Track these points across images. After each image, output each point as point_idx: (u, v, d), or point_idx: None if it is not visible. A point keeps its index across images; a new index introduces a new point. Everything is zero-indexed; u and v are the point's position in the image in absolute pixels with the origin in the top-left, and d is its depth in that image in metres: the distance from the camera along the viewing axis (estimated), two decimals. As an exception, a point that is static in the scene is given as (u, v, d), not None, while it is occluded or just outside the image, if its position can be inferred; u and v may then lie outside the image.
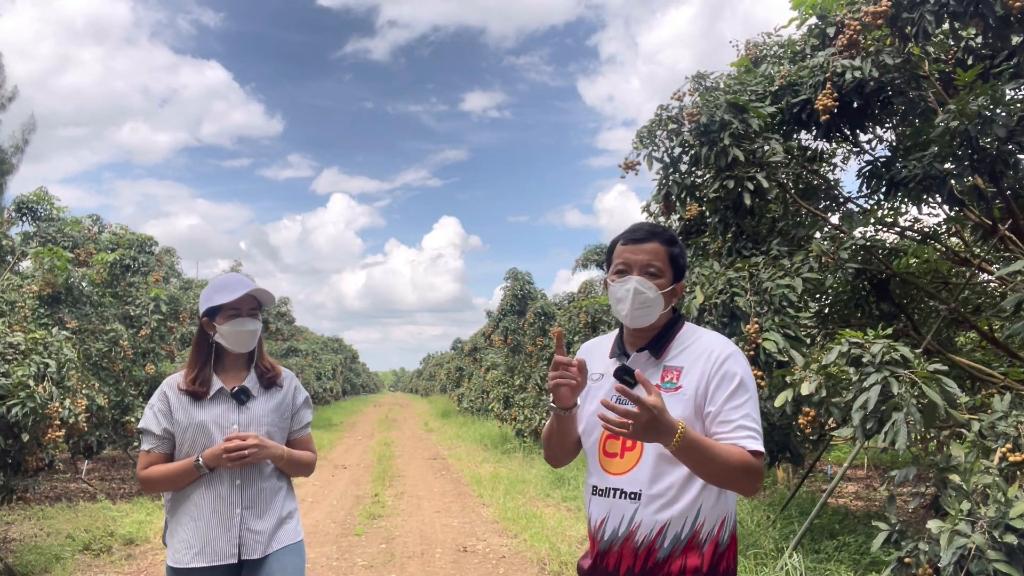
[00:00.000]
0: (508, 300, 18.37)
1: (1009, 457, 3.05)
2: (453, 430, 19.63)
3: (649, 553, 1.79)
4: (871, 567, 4.89)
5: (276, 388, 2.57)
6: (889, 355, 3.32)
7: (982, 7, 4.23)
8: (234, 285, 2.45)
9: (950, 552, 2.78)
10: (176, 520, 2.42)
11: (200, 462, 2.34)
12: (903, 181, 4.78)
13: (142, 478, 2.41)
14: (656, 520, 1.79)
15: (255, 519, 2.43)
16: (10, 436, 5.20)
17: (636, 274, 1.87)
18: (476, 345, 23.89)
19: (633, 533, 1.81)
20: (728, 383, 1.78)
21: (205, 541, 2.37)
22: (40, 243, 10.55)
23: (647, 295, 1.85)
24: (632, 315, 1.86)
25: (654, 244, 1.90)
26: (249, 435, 2.34)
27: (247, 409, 2.47)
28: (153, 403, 2.45)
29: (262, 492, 2.46)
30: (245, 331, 2.45)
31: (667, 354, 1.88)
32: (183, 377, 2.47)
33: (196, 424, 2.40)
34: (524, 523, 7.18)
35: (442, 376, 36.62)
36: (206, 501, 2.39)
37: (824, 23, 5.15)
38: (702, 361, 1.82)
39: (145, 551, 6.30)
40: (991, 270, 5.26)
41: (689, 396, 1.80)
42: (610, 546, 1.84)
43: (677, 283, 1.92)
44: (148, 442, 2.42)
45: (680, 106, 5.45)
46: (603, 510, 1.87)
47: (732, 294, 4.47)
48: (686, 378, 1.82)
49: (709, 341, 1.88)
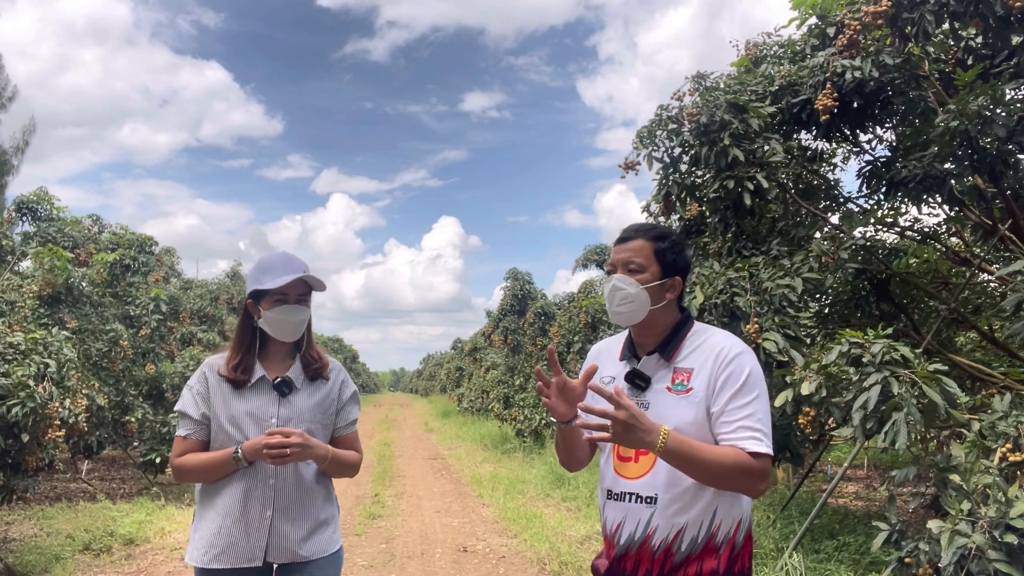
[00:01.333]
0: (508, 300, 18.36)
1: (1009, 457, 3.05)
2: (453, 430, 19.63)
3: (667, 557, 1.79)
4: (871, 567, 4.89)
5: (322, 381, 2.35)
6: (889, 355, 3.32)
7: (982, 7, 4.23)
8: (281, 268, 2.23)
9: (950, 552, 2.78)
10: (203, 514, 2.24)
11: (239, 454, 2.15)
12: (903, 181, 4.79)
13: (175, 466, 2.23)
14: (673, 524, 1.78)
15: (287, 523, 2.23)
16: (10, 436, 5.20)
17: (619, 272, 1.90)
18: (476, 345, 23.89)
19: (650, 537, 1.80)
20: (734, 382, 1.77)
21: (230, 542, 2.18)
22: (40, 243, 10.55)
23: (627, 291, 1.86)
24: (614, 312, 1.88)
25: (638, 241, 1.91)
26: (293, 432, 2.12)
27: (288, 402, 2.27)
28: (192, 384, 2.25)
29: (298, 494, 2.26)
30: (292, 320, 2.23)
31: (677, 355, 1.86)
32: (224, 362, 2.27)
33: (232, 414, 2.22)
34: (524, 523, 7.18)
35: (442, 376, 36.61)
36: (237, 498, 2.19)
37: (824, 23, 5.15)
38: (711, 361, 1.81)
39: (145, 551, 6.29)
40: (991, 270, 5.26)
41: (700, 398, 1.79)
42: (627, 550, 1.84)
43: (668, 278, 1.89)
44: (185, 427, 2.23)
45: (680, 106, 5.45)
46: (619, 514, 1.86)
47: (732, 294, 4.47)
48: (696, 379, 1.81)
49: (718, 340, 1.86)
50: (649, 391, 1.86)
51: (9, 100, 25.17)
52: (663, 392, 1.83)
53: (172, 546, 6.42)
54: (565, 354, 14.75)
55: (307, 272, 2.25)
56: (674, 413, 1.79)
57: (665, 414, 1.80)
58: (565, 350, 14.62)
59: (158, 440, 9.24)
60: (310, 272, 2.27)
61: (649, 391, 1.86)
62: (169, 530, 6.94)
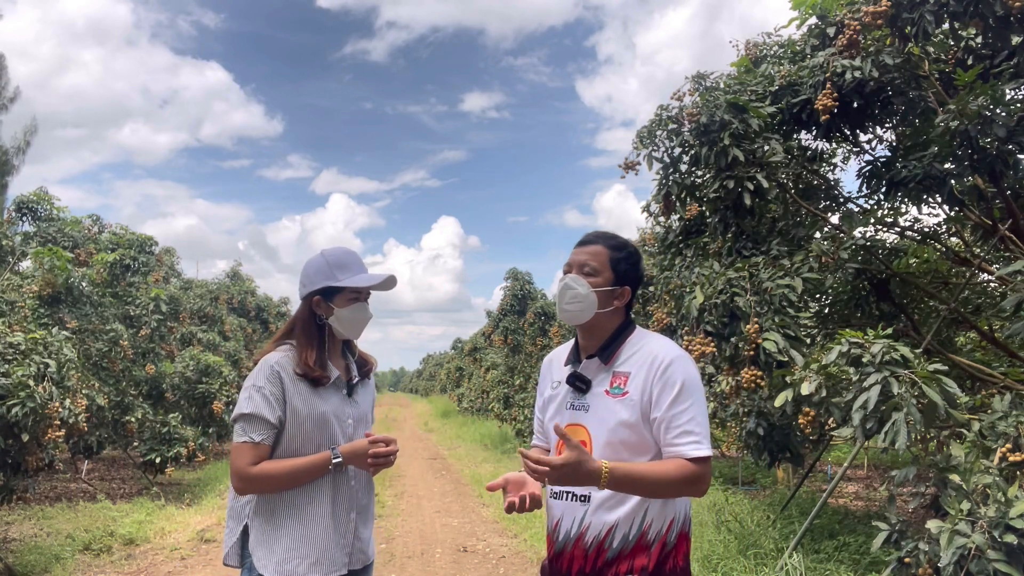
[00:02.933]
0: (508, 300, 18.35)
1: (1009, 457, 3.05)
2: (453, 430, 19.63)
3: (599, 553, 1.85)
4: (871, 567, 4.89)
5: (365, 380, 2.34)
6: (889, 355, 3.31)
7: (982, 7, 4.23)
8: (354, 266, 2.20)
9: (950, 552, 2.78)
10: (274, 525, 2.07)
11: (340, 459, 2.06)
12: (903, 181, 4.78)
13: (252, 475, 2.00)
14: (604, 521, 1.85)
15: (363, 525, 2.21)
16: (10, 436, 5.20)
17: (574, 272, 1.97)
18: (476, 345, 23.87)
19: (583, 534, 1.87)
20: (671, 389, 1.83)
21: (323, 550, 2.07)
22: (40, 243, 10.55)
23: (577, 291, 1.93)
24: (562, 310, 1.95)
25: (596, 246, 1.99)
26: (391, 438, 2.10)
27: (355, 402, 2.24)
28: (262, 385, 2.05)
29: (368, 495, 2.25)
30: (363, 319, 2.20)
31: (616, 359, 1.93)
32: (296, 360, 2.11)
33: (318, 415, 2.09)
34: (524, 523, 7.18)
35: (442, 376, 36.60)
36: (325, 502, 2.08)
37: (824, 23, 5.15)
38: (646, 366, 1.88)
39: (145, 551, 6.30)
40: (991, 270, 5.25)
41: (635, 401, 1.85)
42: (564, 547, 1.91)
43: (619, 286, 1.96)
44: (258, 431, 2.03)
45: (680, 106, 5.45)
46: (558, 512, 1.94)
47: (732, 294, 4.47)
48: (632, 383, 1.88)
49: (654, 346, 1.92)
50: (589, 393, 1.93)
51: (11, 101, 25.21)
52: (602, 395, 1.91)
53: (172, 546, 6.42)
54: (565, 354, 14.74)
55: (389, 275, 2.25)
56: (611, 415, 1.87)
57: (603, 416, 1.88)
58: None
59: (158, 440, 9.24)
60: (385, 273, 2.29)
61: (589, 393, 1.93)
62: (169, 530, 6.94)
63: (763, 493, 8.38)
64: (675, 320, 4.92)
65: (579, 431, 1.91)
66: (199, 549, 6.41)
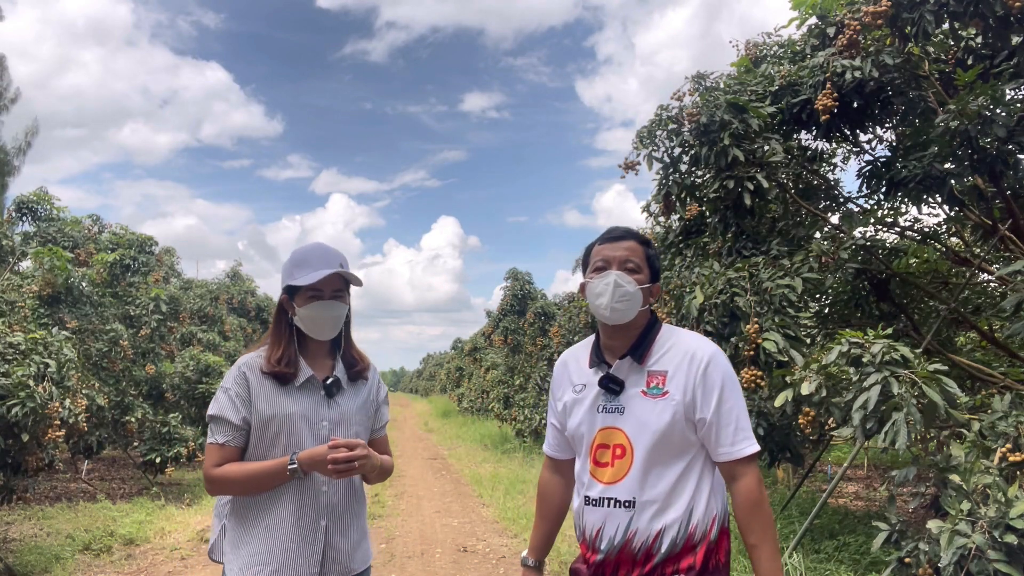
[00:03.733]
0: (508, 300, 18.35)
1: (1009, 457, 3.05)
2: (453, 430, 19.63)
3: (647, 558, 1.81)
4: (871, 567, 4.89)
5: (362, 381, 2.21)
6: (889, 355, 3.31)
7: (982, 7, 4.23)
8: (316, 261, 2.07)
9: (950, 552, 2.78)
10: (243, 529, 2.03)
11: (295, 465, 1.96)
12: (903, 181, 4.78)
13: (214, 477, 1.99)
14: (651, 527, 1.81)
15: (338, 533, 2.07)
16: (10, 436, 5.20)
17: (615, 269, 1.89)
18: (476, 345, 23.88)
19: (630, 540, 1.82)
20: (715, 389, 1.81)
21: (285, 558, 1.99)
22: (40, 243, 10.56)
23: (627, 288, 1.86)
24: (612, 308, 1.86)
25: (631, 242, 1.94)
26: (357, 443, 1.95)
27: (336, 404, 2.10)
28: (229, 386, 2.02)
29: (348, 502, 2.11)
30: (327, 317, 2.07)
31: (649, 358, 1.88)
32: (264, 358, 2.06)
33: (283, 416, 2.01)
34: (524, 523, 7.18)
35: (442, 376, 36.60)
36: (289, 510, 2.00)
37: (824, 23, 5.15)
38: (686, 364, 1.84)
39: (145, 551, 6.29)
40: (991, 270, 5.25)
41: (678, 401, 1.81)
42: (608, 554, 1.85)
43: (654, 283, 1.93)
44: (223, 433, 2.00)
45: (680, 106, 5.45)
46: (598, 519, 1.87)
47: (732, 294, 4.47)
48: (672, 383, 1.83)
49: (689, 342, 1.89)
50: (623, 395, 1.87)
51: (12, 102, 25.24)
52: (638, 396, 1.85)
53: (172, 546, 6.42)
54: (565, 354, 14.74)
55: (344, 265, 2.10)
56: (652, 416, 1.82)
57: (643, 418, 1.83)
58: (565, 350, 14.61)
59: (158, 440, 9.24)
60: (347, 265, 2.12)
61: (623, 395, 1.87)
62: (169, 530, 6.94)
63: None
64: (675, 320, 4.92)
65: (616, 435, 1.86)
66: (199, 549, 6.40)
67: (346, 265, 2.12)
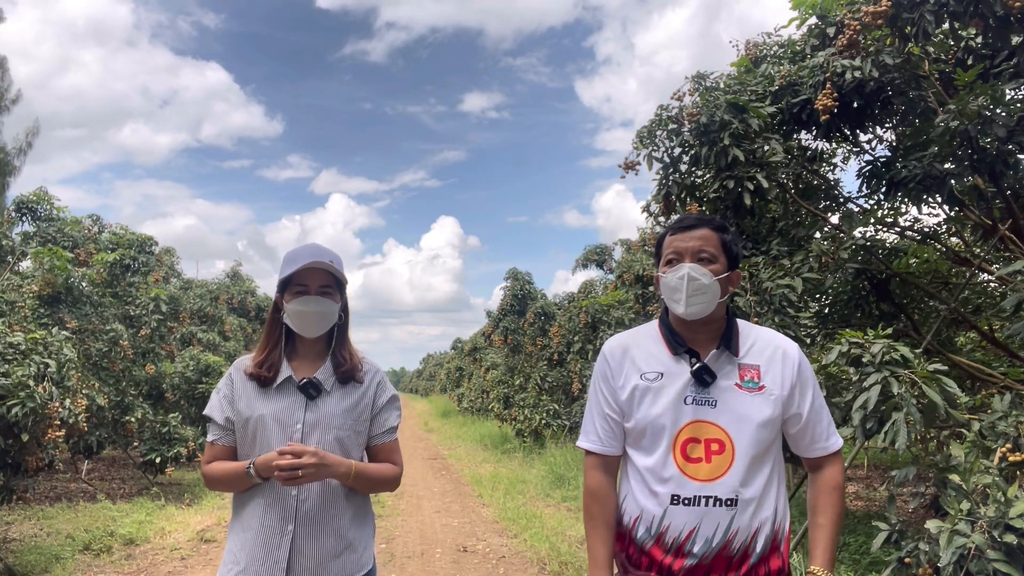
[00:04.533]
0: (508, 300, 18.36)
1: (1009, 457, 3.05)
2: (453, 430, 19.63)
3: (743, 559, 1.73)
4: (871, 567, 4.89)
5: (354, 384, 2.12)
6: (889, 355, 3.31)
7: (982, 7, 4.23)
8: (302, 256, 2.05)
9: (950, 552, 2.78)
10: (231, 527, 2.10)
11: (251, 470, 1.96)
12: (903, 181, 4.78)
13: (204, 473, 2.10)
14: (751, 525, 1.73)
15: (308, 540, 2.00)
16: (10, 436, 5.20)
17: (688, 261, 1.82)
18: (476, 345, 23.88)
19: (731, 541, 1.72)
20: (810, 385, 1.83)
21: (251, 558, 1.99)
22: (40, 243, 10.56)
23: (701, 281, 1.78)
24: (687, 303, 1.78)
25: (704, 230, 1.85)
26: (307, 450, 1.89)
27: (316, 406, 2.05)
28: (220, 387, 2.10)
29: (322, 509, 2.03)
30: (313, 312, 2.04)
31: (740, 351, 1.82)
32: (251, 360, 2.11)
33: (256, 418, 2.03)
34: (524, 523, 7.18)
35: (442, 376, 36.60)
36: (258, 511, 2.01)
37: (824, 23, 5.15)
38: (779, 359, 1.82)
39: (145, 551, 6.29)
40: (991, 270, 5.25)
41: (776, 397, 1.78)
42: (701, 558, 1.72)
43: (732, 271, 1.86)
44: (212, 432, 2.09)
45: (680, 106, 5.44)
46: (692, 519, 1.73)
47: (732, 294, 4.46)
48: (767, 377, 1.79)
49: (773, 338, 1.88)
50: (714, 387, 1.78)
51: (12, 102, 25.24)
52: (732, 389, 1.78)
53: (172, 546, 6.42)
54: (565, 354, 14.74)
55: (335, 263, 2.07)
56: (752, 411, 1.76)
57: (741, 411, 1.76)
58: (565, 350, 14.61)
59: (158, 440, 9.24)
60: (340, 264, 2.10)
61: (714, 387, 1.78)
62: (169, 530, 6.94)
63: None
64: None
65: (710, 429, 1.76)
66: (199, 549, 6.40)
67: (337, 263, 2.09)
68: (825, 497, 1.83)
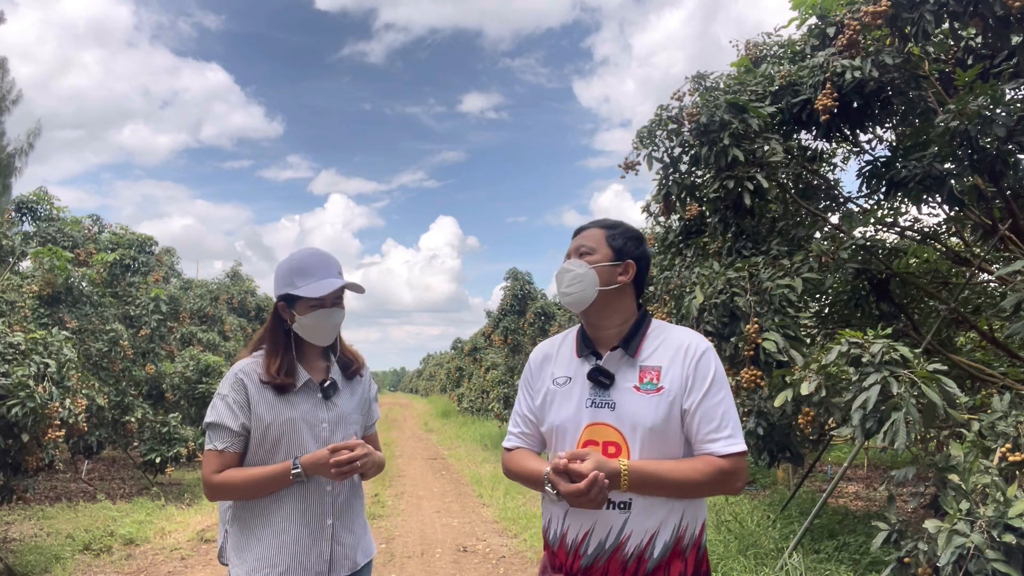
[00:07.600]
0: (508, 300, 18.35)
1: (1009, 457, 3.05)
2: (453, 430, 19.63)
3: (639, 564, 1.72)
4: (871, 567, 4.88)
5: (357, 379, 2.27)
6: (889, 355, 3.31)
7: (982, 7, 4.23)
8: (318, 270, 2.09)
9: (949, 552, 2.78)
10: (250, 533, 2.06)
11: (299, 469, 2.00)
12: (903, 181, 4.78)
13: (216, 483, 2.01)
14: (646, 528, 1.72)
15: (345, 530, 2.13)
16: (10, 436, 5.20)
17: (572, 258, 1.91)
18: (476, 345, 23.87)
19: (623, 544, 1.72)
20: (704, 380, 1.76)
21: (293, 559, 2.03)
22: (40, 243, 10.56)
23: (575, 271, 1.85)
24: (563, 295, 1.87)
25: (591, 230, 1.93)
26: (356, 443, 2.00)
27: (333, 405, 2.15)
28: (226, 393, 2.06)
29: (351, 499, 2.18)
30: (328, 324, 2.11)
31: (641, 352, 1.81)
32: (263, 367, 2.10)
33: (284, 421, 2.05)
34: (524, 523, 7.18)
35: (442, 376, 36.58)
36: (295, 512, 2.05)
37: (824, 23, 5.15)
38: (680, 357, 1.78)
39: (145, 551, 6.29)
40: (991, 270, 5.25)
41: (673, 397, 1.75)
42: (595, 560, 1.74)
43: (619, 261, 1.87)
44: (222, 439, 2.03)
45: (680, 106, 5.44)
46: (587, 522, 1.75)
47: (732, 294, 4.47)
48: (666, 377, 1.77)
49: (682, 336, 1.84)
50: (614, 389, 1.78)
51: (13, 103, 25.21)
52: (630, 391, 1.77)
53: (172, 546, 6.42)
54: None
55: (340, 271, 2.14)
56: (645, 413, 1.74)
57: (636, 413, 1.75)
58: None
59: (158, 440, 9.24)
60: (341, 269, 2.17)
61: (614, 389, 1.78)
62: (169, 530, 6.94)
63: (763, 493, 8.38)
64: (675, 320, 4.92)
65: (607, 431, 1.76)
66: (199, 549, 6.40)
67: (340, 270, 2.17)
68: (697, 459, 1.73)
